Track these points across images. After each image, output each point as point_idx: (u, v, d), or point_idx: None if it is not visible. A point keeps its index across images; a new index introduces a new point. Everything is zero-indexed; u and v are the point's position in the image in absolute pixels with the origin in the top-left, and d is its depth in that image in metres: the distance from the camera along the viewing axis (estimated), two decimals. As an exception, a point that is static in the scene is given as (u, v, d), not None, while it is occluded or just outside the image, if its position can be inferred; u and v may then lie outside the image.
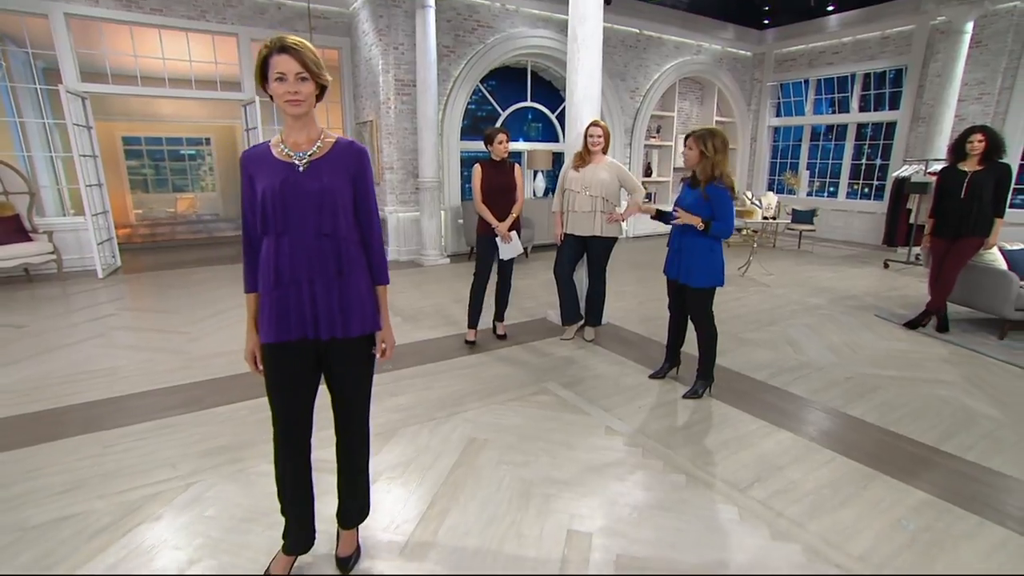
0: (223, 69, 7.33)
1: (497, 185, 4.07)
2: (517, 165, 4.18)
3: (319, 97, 1.64)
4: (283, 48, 1.52)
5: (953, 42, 7.69)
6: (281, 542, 1.89)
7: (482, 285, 4.22)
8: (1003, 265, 4.32)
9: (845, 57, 9.53)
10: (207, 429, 2.96)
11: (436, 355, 4.03)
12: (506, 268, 4.30)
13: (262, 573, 1.87)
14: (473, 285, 4.24)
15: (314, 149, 1.64)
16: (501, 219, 4.07)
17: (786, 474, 2.54)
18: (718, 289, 3.26)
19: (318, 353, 1.72)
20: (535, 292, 5.95)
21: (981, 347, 4.16)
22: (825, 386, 3.55)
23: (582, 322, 4.47)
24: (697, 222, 3.04)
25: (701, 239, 3.11)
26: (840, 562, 1.97)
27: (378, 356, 1.84)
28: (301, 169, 1.61)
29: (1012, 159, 7.66)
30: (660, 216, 3.41)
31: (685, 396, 3.35)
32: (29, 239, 6.00)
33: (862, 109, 9.56)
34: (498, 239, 4.13)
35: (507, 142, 4.08)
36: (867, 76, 9.39)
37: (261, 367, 1.75)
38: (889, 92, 9.14)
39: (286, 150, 1.63)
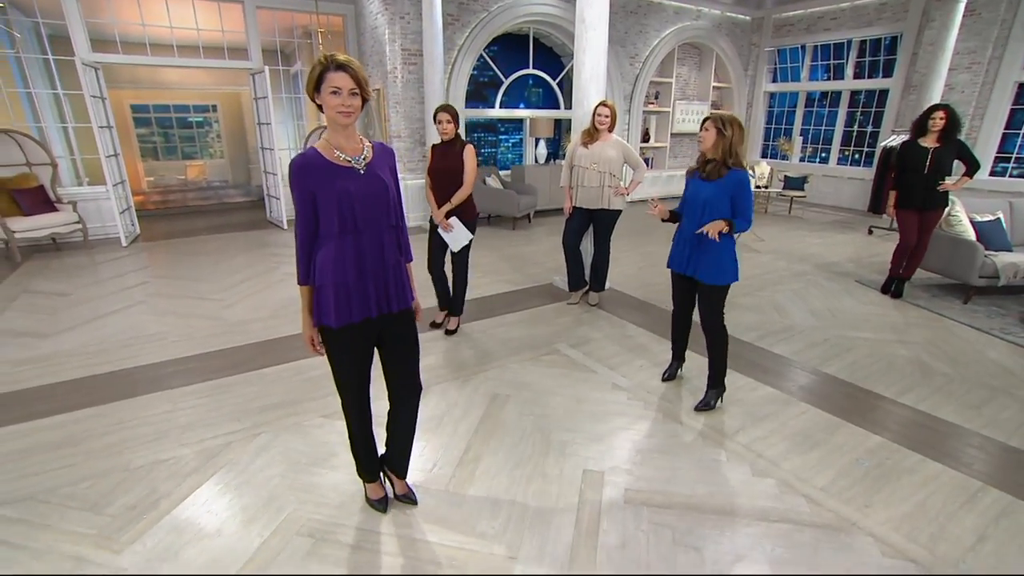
0: (230, 37, 7.41)
1: (442, 168, 3.79)
2: (470, 146, 3.78)
3: (360, 109, 1.86)
4: (339, 66, 1.75)
5: (948, 10, 7.83)
6: (360, 481, 2.36)
7: (433, 268, 4.06)
8: (972, 236, 4.71)
9: (843, 23, 9.64)
10: (259, 388, 3.35)
11: (454, 320, 4.41)
12: (459, 260, 3.98)
13: (365, 500, 2.35)
14: (428, 264, 4.07)
15: (365, 153, 1.91)
16: (444, 203, 3.80)
17: (766, 423, 2.98)
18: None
19: (377, 327, 2.05)
20: (540, 259, 6.31)
21: (946, 311, 4.59)
22: (806, 347, 3.97)
23: (587, 288, 4.85)
24: (724, 227, 2.75)
25: (724, 235, 2.84)
26: (808, 493, 2.41)
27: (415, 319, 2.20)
28: (362, 172, 1.88)
29: (995, 127, 8.01)
30: (672, 217, 3.12)
31: (697, 408, 3.10)
32: (55, 209, 6.24)
33: (856, 76, 9.73)
34: (439, 228, 3.88)
35: (451, 122, 3.65)
36: (863, 43, 9.52)
37: (319, 348, 2.02)
38: (884, 60, 9.31)
39: (343, 156, 1.86)
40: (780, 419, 3.02)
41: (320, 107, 1.82)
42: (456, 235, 3.84)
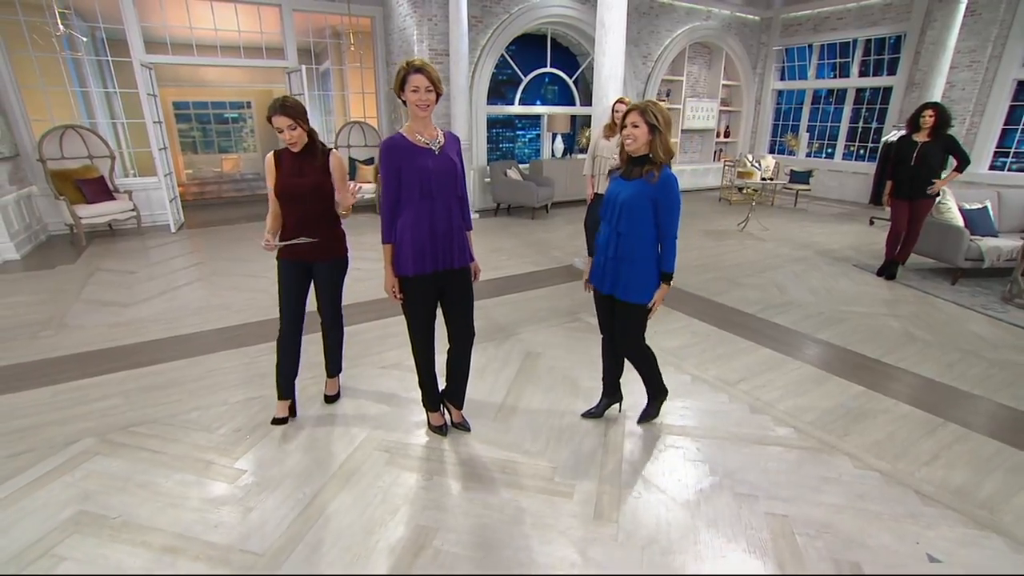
0: (267, 38, 7.93)
1: (297, 187, 2.61)
2: (335, 153, 2.75)
3: (435, 102, 2.35)
4: (418, 69, 2.25)
5: (950, 10, 8.19)
6: (424, 411, 2.85)
7: (288, 335, 2.87)
8: (960, 222, 5.13)
9: (848, 23, 10.01)
10: (321, 347, 3.83)
11: (487, 293, 4.87)
12: (327, 312, 2.95)
13: (427, 427, 2.83)
14: (278, 337, 2.89)
15: (439, 139, 2.43)
16: (298, 236, 2.65)
17: (764, 376, 3.44)
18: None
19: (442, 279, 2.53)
20: (559, 244, 6.78)
21: (934, 290, 5.02)
22: (802, 318, 4.42)
23: (604, 269, 5.31)
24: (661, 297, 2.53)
25: (647, 243, 2.46)
26: (796, 426, 2.88)
27: (473, 279, 2.68)
28: (437, 153, 2.39)
29: (994, 123, 8.37)
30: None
31: (639, 421, 2.93)
32: (113, 198, 6.80)
33: (862, 74, 10.10)
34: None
35: (294, 128, 2.53)
36: (868, 42, 9.89)
37: (400, 296, 2.51)
38: (888, 58, 9.67)
39: (422, 139, 2.37)
40: (777, 372, 3.48)
41: (404, 102, 2.32)
42: None
